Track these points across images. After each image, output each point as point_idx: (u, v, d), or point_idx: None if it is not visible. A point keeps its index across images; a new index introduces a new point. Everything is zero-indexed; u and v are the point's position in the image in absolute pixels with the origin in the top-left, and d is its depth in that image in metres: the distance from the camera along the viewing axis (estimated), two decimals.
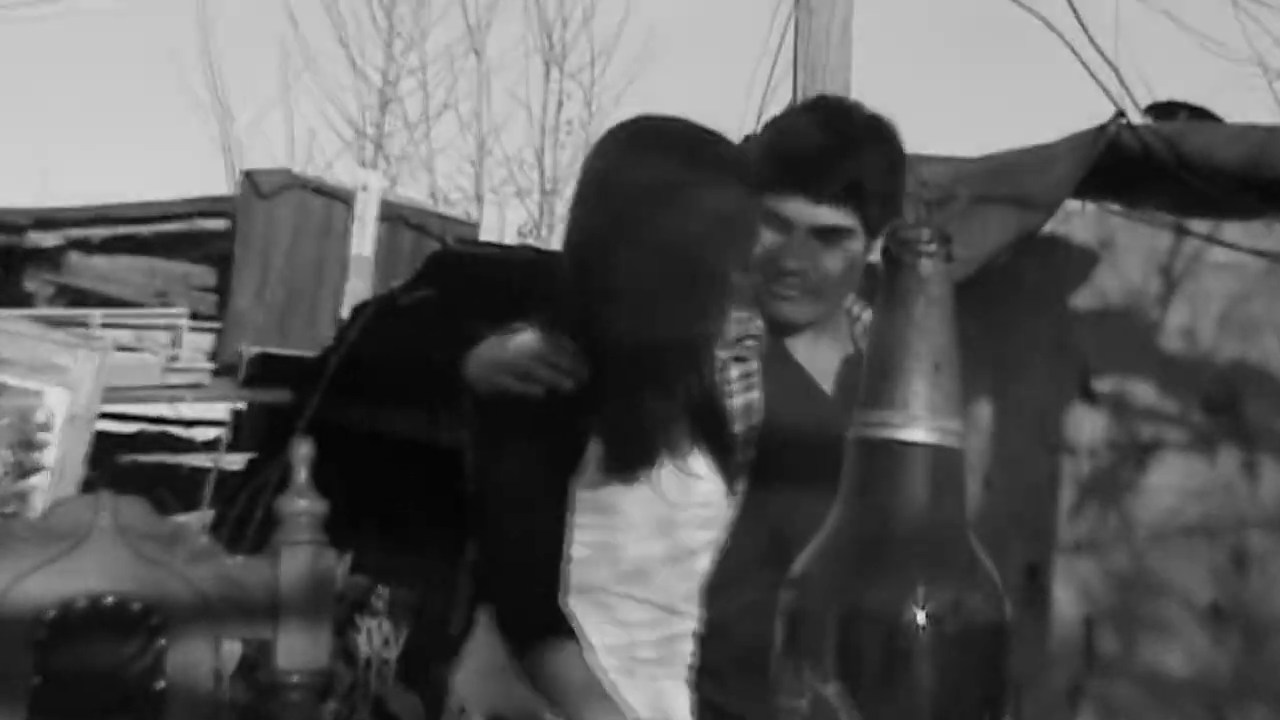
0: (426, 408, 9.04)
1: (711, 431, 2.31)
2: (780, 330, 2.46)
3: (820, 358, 2.49)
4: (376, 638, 8.04)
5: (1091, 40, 4.61)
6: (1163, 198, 4.80)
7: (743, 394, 2.40)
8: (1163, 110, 5.17)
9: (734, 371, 2.41)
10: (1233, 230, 4.83)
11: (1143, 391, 4.89)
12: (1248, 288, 4.89)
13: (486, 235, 11.54)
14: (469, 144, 20.16)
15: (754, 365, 2.41)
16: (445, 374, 2.64)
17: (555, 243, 17.50)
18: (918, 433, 0.95)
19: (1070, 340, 4.76)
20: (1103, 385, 4.88)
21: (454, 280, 6.59)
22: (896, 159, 2.45)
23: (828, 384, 2.49)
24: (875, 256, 2.45)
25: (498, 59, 23.95)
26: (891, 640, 0.92)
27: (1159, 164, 4.55)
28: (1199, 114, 5.21)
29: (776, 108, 4.41)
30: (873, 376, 0.95)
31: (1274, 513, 4.82)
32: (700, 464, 2.27)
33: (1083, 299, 4.90)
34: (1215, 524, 4.79)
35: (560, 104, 19.37)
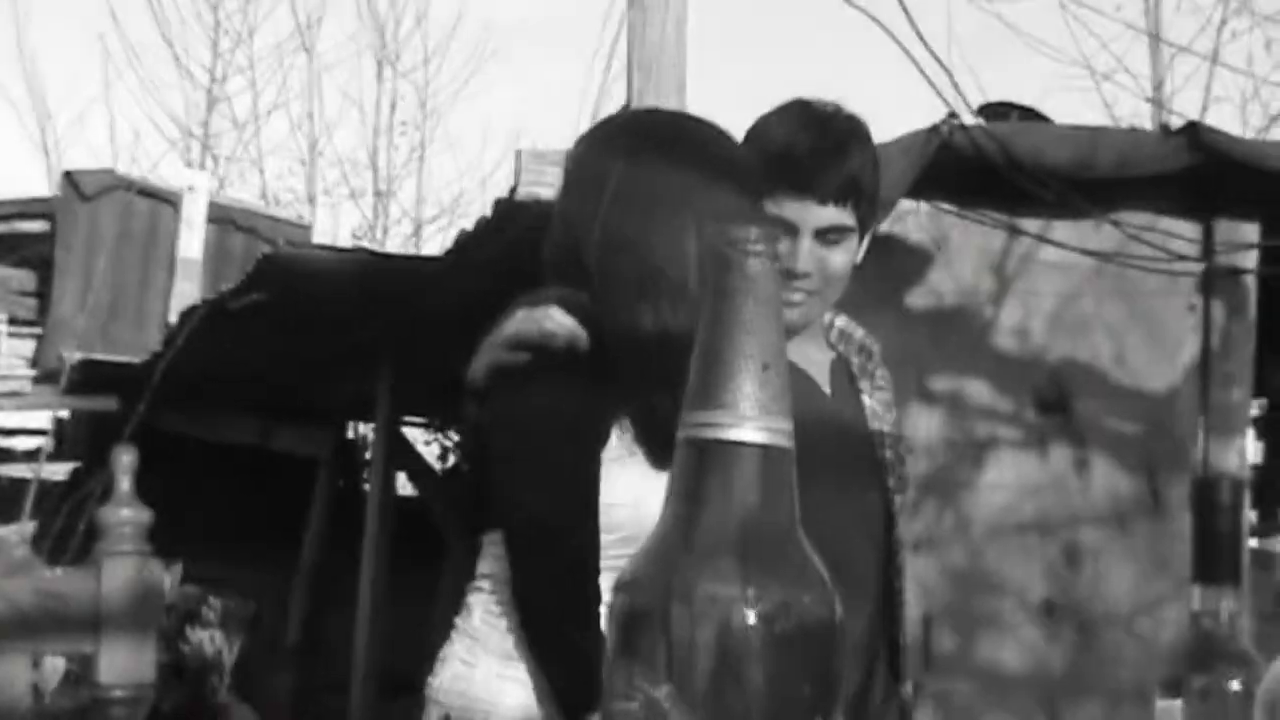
0: (261, 414, 8.97)
1: None
2: None
3: (814, 363, 2.53)
4: (209, 649, 7.94)
5: (924, 41, 4.68)
6: (995, 197, 4.89)
7: None
8: (994, 111, 5.26)
9: None
10: (1063, 230, 4.93)
11: (977, 390, 4.97)
12: (1077, 287, 4.99)
13: (320, 238, 11.45)
14: (300, 145, 19.96)
15: None
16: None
17: (391, 245, 17.42)
18: (747, 433, 0.95)
19: (906, 339, 4.82)
20: (938, 384, 4.95)
21: (286, 284, 6.52)
22: (877, 157, 2.51)
23: (825, 387, 2.54)
24: (859, 258, 2.52)
25: (329, 57, 23.71)
26: (723, 641, 0.92)
27: (991, 164, 4.62)
28: (1029, 114, 5.31)
29: (612, 107, 4.42)
30: (700, 376, 0.96)
31: (1104, 509, 4.92)
32: None
33: (918, 298, 4.97)
34: (1048, 521, 4.89)
35: (394, 104, 19.25)
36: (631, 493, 2.14)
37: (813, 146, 2.39)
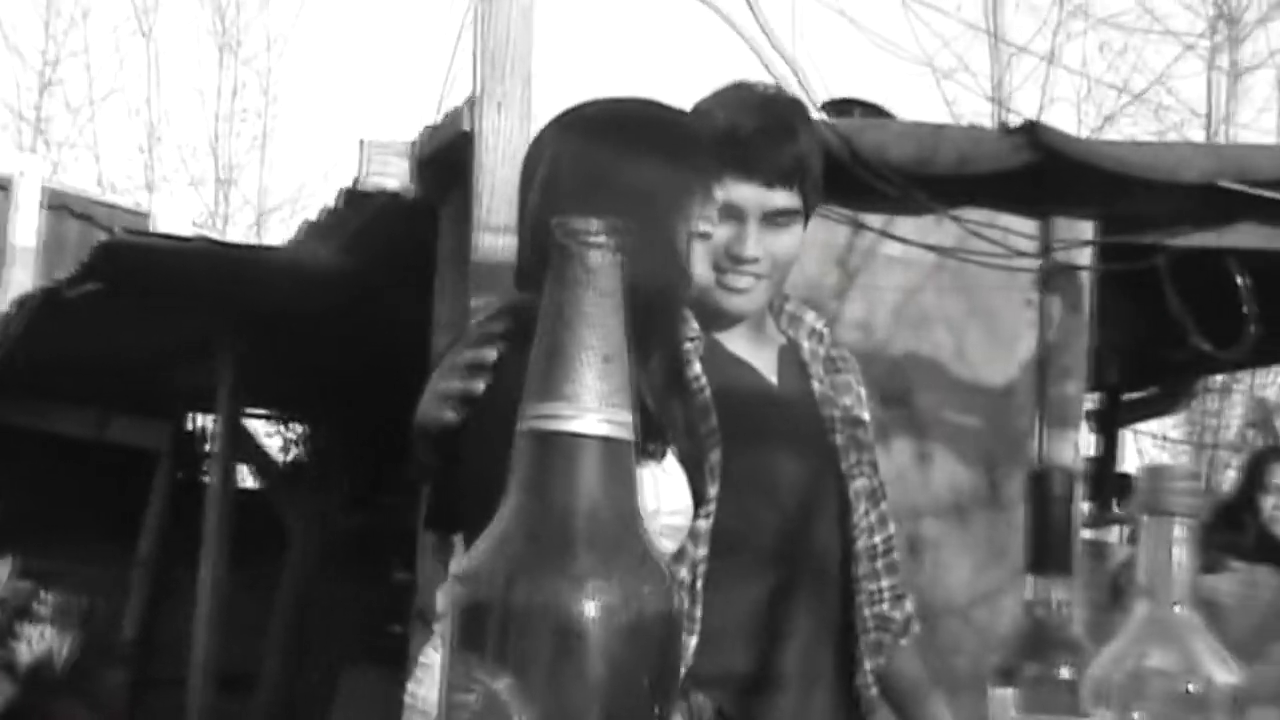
0: (98, 405, 8.82)
1: (686, 432, 2.21)
2: (718, 326, 2.41)
3: (760, 351, 2.47)
4: (41, 645, 7.80)
5: (769, 36, 4.71)
6: (838, 192, 4.93)
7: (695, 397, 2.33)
8: (838, 107, 5.32)
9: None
10: (905, 225, 4.99)
11: None
12: (919, 282, 5.06)
13: (159, 226, 11.26)
14: (139, 130, 19.64)
15: (697, 368, 2.33)
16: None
17: (233, 234, 17.21)
18: (588, 425, 0.95)
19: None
20: None
21: (124, 272, 6.42)
22: (820, 137, 2.48)
23: (771, 376, 2.47)
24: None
25: (168, 43, 23.34)
26: (563, 633, 0.92)
27: (835, 159, 4.67)
28: (872, 111, 5.36)
29: (459, 97, 4.40)
30: (541, 368, 0.96)
31: (944, 501, 5.00)
32: (675, 468, 2.16)
33: None
34: (890, 513, 4.94)
35: (235, 91, 18.99)
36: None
37: (757, 129, 2.34)
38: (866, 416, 2.61)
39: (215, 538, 7.68)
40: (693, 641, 2.23)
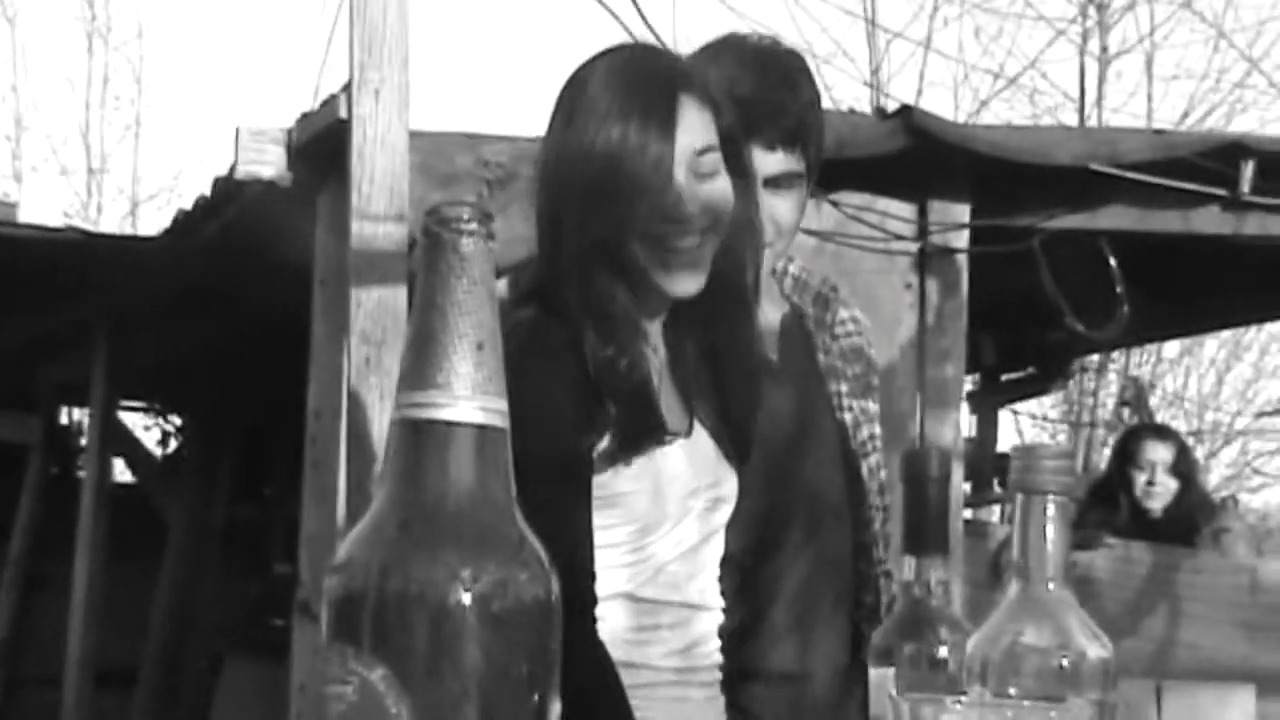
0: None
1: (721, 399, 2.10)
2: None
3: (763, 320, 2.28)
4: None
5: (648, 24, 4.71)
6: None
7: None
8: None
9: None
10: None
11: None
12: None
13: (27, 216, 11.05)
14: (4, 119, 19.29)
15: None
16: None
17: (106, 224, 16.95)
18: (462, 412, 0.95)
19: None
20: None
21: None
22: (819, 92, 2.32)
23: (771, 351, 2.31)
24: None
25: (33, 29, 22.94)
26: (438, 622, 0.92)
27: None
28: None
29: (335, 83, 4.36)
30: (414, 356, 0.95)
31: None
32: (705, 439, 2.06)
33: None
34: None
35: (106, 78, 18.69)
36: (650, 478, 1.99)
37: (756, 87, 2.17)
38: (876, 381, 2.50)
39: (90, 533, 7.58)
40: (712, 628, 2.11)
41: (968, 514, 7.02)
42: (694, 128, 1.98)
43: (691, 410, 2.05)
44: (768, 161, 2.18)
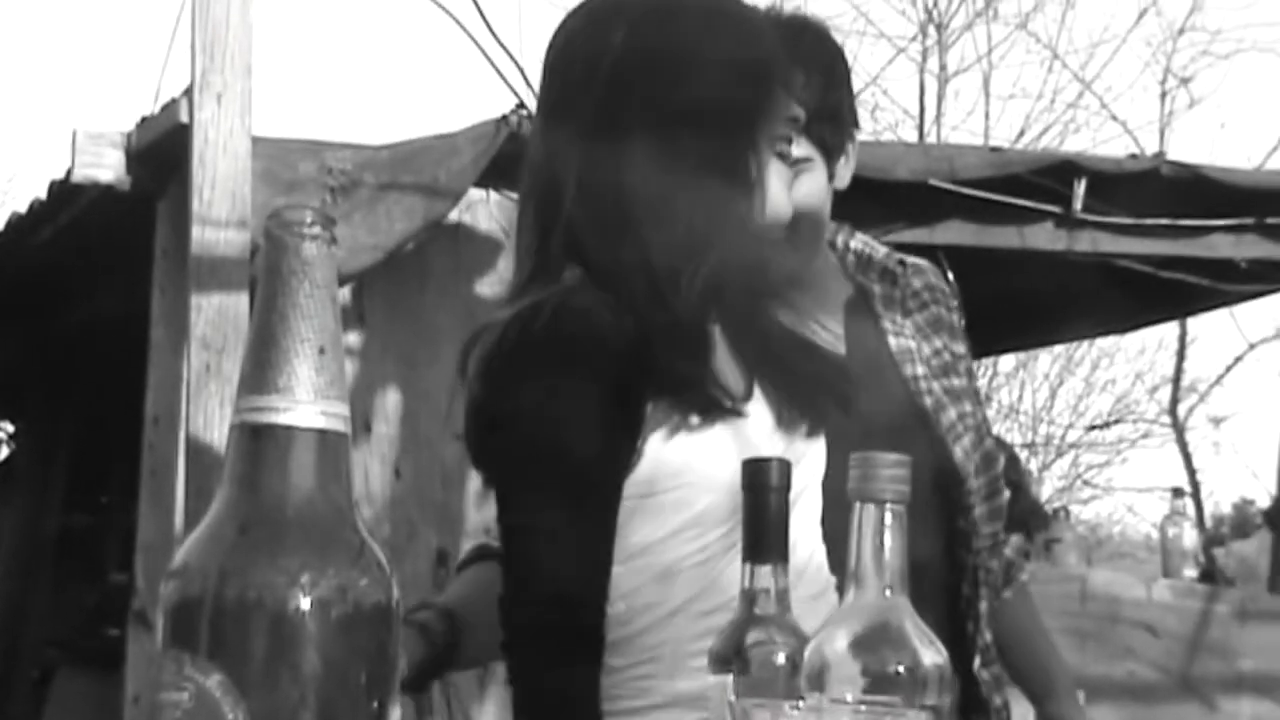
0: None
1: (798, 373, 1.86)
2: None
3: (820, 313, 2.05)
4: None
5: (492, 31, 4.71)
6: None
7: None
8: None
9: None
10: None
11: None
12: None
13: None
14: None
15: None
16: None
17: None
18: (302, 417, 0.94)
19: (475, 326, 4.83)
20: None
21: None
22: (834, 63, 2.17)
23: (838, 344, 2.11)
24: (843, 182, 2.23)
25: None
26: (276, 627, 0.91)
27: None
28: None
29: (176, 88, 4.31)
30: (254, 360, 0.94)
31: None
32: (766, 413, 1.81)
33: (487, 286, 5.00)
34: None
35: None
36: (680, 460, 1.74)
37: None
38: (962, 349, 2.31)
39: None
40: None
41: None
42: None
43: (750, 383, 1.84)
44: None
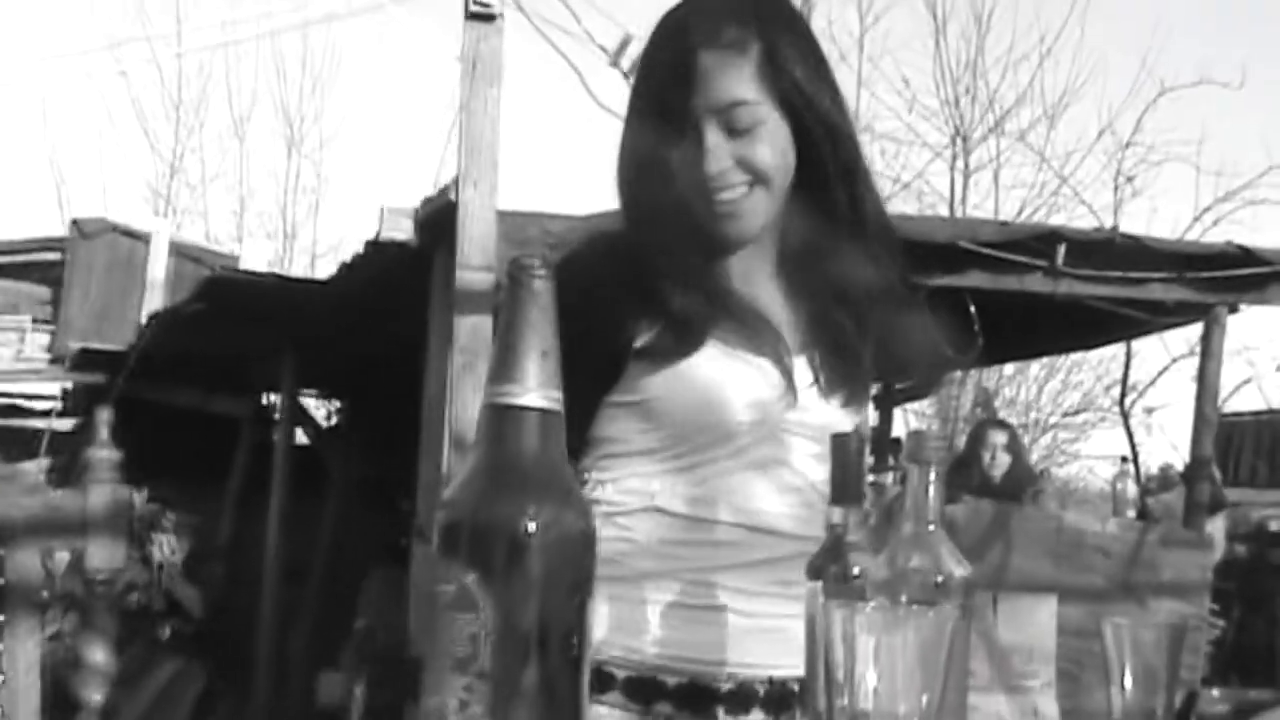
0: (202, 385, 8.68)
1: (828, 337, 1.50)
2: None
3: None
4: (166, 548, 7.71)
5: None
6: None
7: None
8: None
9: None
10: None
11: None
12: None
13: (245, 266, 11.13)
14: (234, 200, 19.40)
15: None
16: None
17: (294, 271, 16.99)
18: (530, 400, 0.93)
19: None
20: None
21: (221, 297, 6.39)
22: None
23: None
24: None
25: (254, 143, 22.96)
26: (512, 544, 0.90)
27: None
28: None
29: (448, 176, 4.35)
30: (498, 360, 0.94)
31: None
32: (805, 372, 1.44)
33: None
34: None
35: (299, 173, 18.79)
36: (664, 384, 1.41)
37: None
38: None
39: (280, 478, 7.59)
40: None
41: (872, 478, 6.98)
42: (718, 84, 1.35)
43: (778, 335, 1.44)
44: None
